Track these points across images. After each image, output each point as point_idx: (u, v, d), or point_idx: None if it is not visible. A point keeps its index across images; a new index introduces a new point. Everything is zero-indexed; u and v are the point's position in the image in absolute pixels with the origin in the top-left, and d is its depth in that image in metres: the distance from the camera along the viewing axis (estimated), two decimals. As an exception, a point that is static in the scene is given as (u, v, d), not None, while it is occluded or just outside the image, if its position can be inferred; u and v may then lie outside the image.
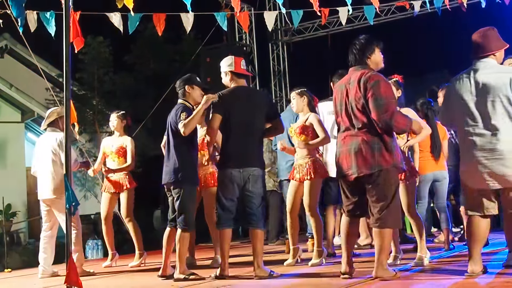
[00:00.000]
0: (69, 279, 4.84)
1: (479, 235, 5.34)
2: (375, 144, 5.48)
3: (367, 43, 5.76)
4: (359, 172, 5.52)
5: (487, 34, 5.47)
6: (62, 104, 7.22)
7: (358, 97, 5.54)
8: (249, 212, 6.30)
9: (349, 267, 5.69)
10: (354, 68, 5.74)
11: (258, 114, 6.40)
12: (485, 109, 5.24)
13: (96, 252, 10.43)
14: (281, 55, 17.34)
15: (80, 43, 7.67)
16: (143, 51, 20.46)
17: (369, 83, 5.48)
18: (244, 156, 6.27)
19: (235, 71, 6.48)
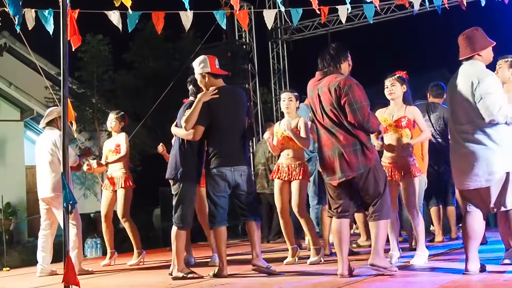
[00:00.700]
0: (67, 278, 4.83)
1: (474, 233, 5.34)
2: (356, 145, 5.59)
3: (342, 50, 5.87)
4: (346, 176, 5.60)
5: (471, 35, 5.48)
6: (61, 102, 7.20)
7: (330, 102, 5.63)
8: (243, 207, 6.36)
9: (346, 270, 5.68)
10: (321, 72, 5.82)
11: (241, 113, 6.45)
12: (458, 111, 5.34)
13: (95, 250, 10.42)
14: (280, 54, 17.31)
15: (78, 41, 7.65)
16: (142, 50, 20.47)
17: (342, 88, 5.57)
18: (234, 155, 6.29)
19: (212, 72, 6.42)
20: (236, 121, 6.37)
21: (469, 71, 5.38)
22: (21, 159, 17.45)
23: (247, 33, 16.22)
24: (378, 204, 5.64)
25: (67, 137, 5.15)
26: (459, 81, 5.37)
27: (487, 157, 5.19)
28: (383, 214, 5.66)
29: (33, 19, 7.85)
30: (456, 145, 5.39)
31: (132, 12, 8.05)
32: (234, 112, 6.38)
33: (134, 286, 6.32)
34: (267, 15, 9.39)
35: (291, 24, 16.19)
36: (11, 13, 7.41)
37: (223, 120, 6.31)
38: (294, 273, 6.41)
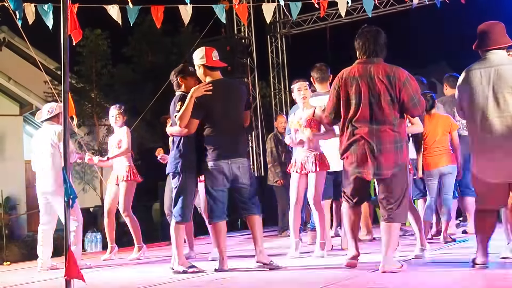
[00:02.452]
0: (69, 272, 4.82)
1: (488, 228, 5.33)
2: (397, 142, 5.47)
3: (382, 36, 5.70)
4: (384, 174, 5.47)
5: (499, 27, 5.43)
6: (60, 97, 7.21)
7: (383, 92, 5.45)
8: (244, 201, 6.30)
9: (357, 250, 5.79)
10: (367, 59, 5.62)
11: (238, 105, 6.39)
12: (503, 101, 5.19)
13: (95, 245, 10.44)
14: (279, 48, 17.32)
15: (78, 35, 7.64)
16: (141, 44, 20.45)
17: (400, 80, 5.44)
18: (231, 148, 6.24)
19: (207, 64, 6.39)
20: (232, 114, 6.31)
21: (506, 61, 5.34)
22: (20, 153, 17.45)
23: (246, 27, 16.22)
24: (399, 207, 5.48)
25: (68, 131, 5.14)
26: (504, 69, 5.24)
27: None
28: (401, 217, 5.54)
29: (33, 13, 7.84)
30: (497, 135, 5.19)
31: (132, 6, 8.05)
32: (230, 105, 6.31)
33: (135, 280, 6.32)
34: (266, 9, 9.37)
35: (290, 18, 16.17)
36: (12, 8, 7.42)
37: (218, 113, 6.25)
38: (298, 267, 6.42)
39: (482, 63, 5.37)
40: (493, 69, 5.27)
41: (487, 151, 5.24)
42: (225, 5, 9.53)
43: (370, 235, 8.63)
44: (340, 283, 5.15)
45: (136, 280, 6.25)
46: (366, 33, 5.68)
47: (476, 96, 5.29)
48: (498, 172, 5.21)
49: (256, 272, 6.17)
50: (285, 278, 5.78)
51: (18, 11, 7.66)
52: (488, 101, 5.23)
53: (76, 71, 18.47)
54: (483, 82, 5.27)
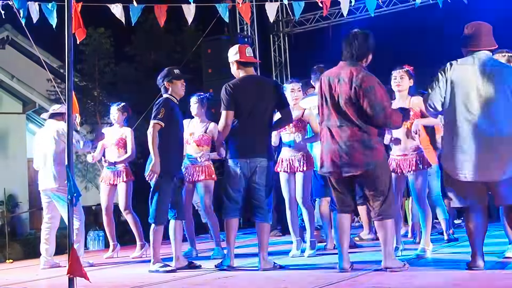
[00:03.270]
0: (72, 269, 4.83)
1: (477, 228, 5.31)
2: (365, 140, 5.51)
3: (372, 43, 5.74)
4: (354, 171, 5.53)
5: (487, 29, 5.49)
6: (63, 94, 7.23)
7: (348, 96, 5.53)
8: (256, 205, 6.27)
9: (347, 263, 5.68)
10: (346, 62, 5.69)
11: (266, 104, 6.32)
12: (488, 99, 5.20)
13: (98, 243, 10.45)
14: (282, 47, 17.30)
15: (82, 34, 7.66)
16: (144, 42, 20.43)
17: (362, 87, 5.47)
18: (252, 147, 6.22)
19: (241, 59, 6.41)
20: (259, 111, 6.27)
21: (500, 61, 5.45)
22: (23, 151, 17.45)
23: (249, 26, 16.20)
24: (384, 203, 5.54)
25: (72, 129, 5.16)
26: (492, 68, 5.29)
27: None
28: (390, 213, 5.58)
29: (37, 12, 7.86)
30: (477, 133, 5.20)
31: (136, 5, 8.07)
32: (258, 103, 6.27)
33: (137, 278, 6.33)
34: (269, 8, 9.38)
35: (292, 17, 16.18)
36: (16, 6, 7.44)
37: (245, 109, 6.25)
38: (297, 266, 6.44)
39: (470, 61, 5.38)
40: (484, 68, 5.30)
41: (468, 150, 5.22)
42: (228, 4, 9.54)
43: (372, 234, 8.63)
44: (340, 282, 5.16)
45: (138, 278, 6.26)
46: (352, 37, 5.72)
47: (466, 93, 5.27)
48: (476, 172, 5.20)
49: (257, 271, 6.18)
50: (287, 278, 5.79)
51: (22, 10, 7.68)
52: (478, 99, 5.23)
53: (79, 70, 18.45)
54: (476, 80, 5.27)
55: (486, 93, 5.22)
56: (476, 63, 5.35)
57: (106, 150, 8.50)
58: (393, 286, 4.95)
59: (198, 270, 6.45)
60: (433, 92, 5.49)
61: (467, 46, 5.49)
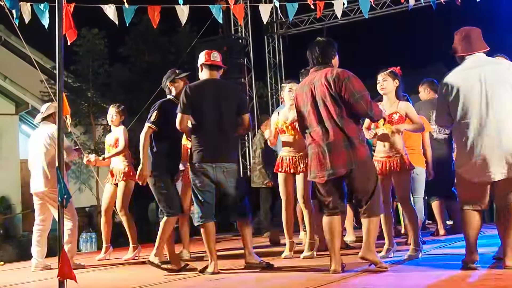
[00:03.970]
0: (62, 272, 4.82)
1: (475, 227, 5.35)
2: (346, 141, 5.55)
3: (330, 45, 5.88)
4: (337, 173, 5.57)
5: (477, 33, 5.50)
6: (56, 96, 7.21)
7: (326, 94, 5.59)
8: (231, 206, 6.33)
9: (339, 266, 5.67)
10: (315, 68, 5.82)
11: (227, 108, 6.32)
12: (497, 100, 5.20)
13: (90, 245, 10.42)
14: (276, 48, 17.31)
15: (73, 35, 7.64)
16: (138, 43, 20.41)
17: (340, 79, 5.56)
18: (215, 151, 6.23)
19: (205, 62, 6.46)
20: (220, 116, 6.27)
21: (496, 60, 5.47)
22: (15, 153, 17.40)
23: (243, 27, 16.21)
24: (370, 202, 5.61)
25: (63, 131, 5.14)
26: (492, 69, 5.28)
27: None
28: (375, 211, 5.65)
29: (29, 12, 7.84)
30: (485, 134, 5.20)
31: (128, 6, 8.05)
32: (218, 107, 6.27)
33: (129, 280, 6.32)
34: (263, 9, 9.39)
35: (287, 19, 16.19)
36: (8, 7, 7.41)
37: (204, 112, 6.26)
38: (289, 268, 6.43)
39: (469, 65, 5.39)
40: (484, 68, 5.30)
41: (478, 152, 5.22)
42: (222, 5, 9.54)
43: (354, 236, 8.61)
44: (331, 283, 5.15)
45: (131, 280, 6.24)
46: (314, 45, 5.88)
47: (471, 97, 5.27)
48: (485, 173, 5.21)
49: (249, 272, 6.18)
50: (278, 279, 5.78)
51: (14, 10, 7.65)
52: (481, 101, 5.22)
53: (72, 70, 18.43)
54: (475, 82, 5.27)
55: (486, 94, 5.23)
56: (471, 67, 5.36)
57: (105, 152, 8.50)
58: (384, 287, 4.94)
59: (190, 272, 6.43)
60: (438, 113, 5.62)
61: (459, 52, 5.50)
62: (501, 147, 5.17)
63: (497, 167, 5.18)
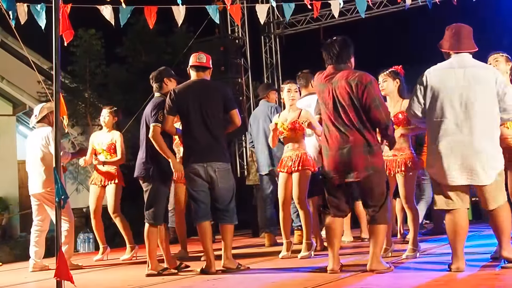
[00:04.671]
0: (59, 272, 4.83)
1: (459, 230, 5.29)
2: (366, 146, 5.50)
3: (349, 45, 5.78)
4: (355, 177, 5.51)
5: (467, 31, 5.48)
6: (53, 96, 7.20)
7: (348, 97, 5.52)
8: (220, 208, 6.32)
9: (336, 265, 5.69)
10: (334, 66, 5.72)
11: (214, 107, 6.36)
12: (471, 101, 5.18)
13: (88, 245, 10.41)
14: (273, 48, 17.30)
15: (70, 36, 7.64)
16: (135, 44, 20.40)
17: (362, 83, 5.48)
18: (205, 151, 6.27)
19: (191, 64, 6.54)
20: (207, 115, 6.31)
21: (483, 64, 5.41)
22: (13, 153, 17.37)
23: (239, 27, 16.20)
24: (380, 209, 5.55)
25: (59, 132, 5.14)
26: (475, 71, 5.26)
27: (495, 153, 5.20)
28: (385, 218, 5.59)
29: (26, 13, 7.83)
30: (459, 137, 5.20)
31: (125, 7, 8.05)
32: (204, 107, 6.32)
33: (127, 280, 6.32)
34: (259, 9, 9.38)
35: (283, 19, 16.18)
36: (5, 8, 7.41)
37: (190, 115, 6.32)
38: (287, 268, 6.43)
39: (453, 64, 5.37)
40: (466, 69, 5.28)
41: (457, 153, 5.20)
42: (219, 5, 9.53)
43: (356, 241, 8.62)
44: (329, 283, 5.16)
45: (129, 281, 6.24)
46: (332, 43, 5.76)
47: (450, 96, 5.25)
48: (462, 176, 5.20)
49: (246, 273, 6.19)
50: (275, 279, 5.79)
51: (11, 11, 7.65)
52: (460, 102, 5.21)
53: (69, 71, 18.42)
54: (457, 82, 5.26)
55: (466, 96, 5.21)
56: (456, 66, 5.34)
57: (98, 156, 8.42)
58: (382, 287, 4.95)
59: (187, 272, 6.43)
60: (412, 100, 5.52)
61: (446, 48, 5.49)
62: (474, 152, 5.14)
63: (467, 172, 5.16)
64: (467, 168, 5.17)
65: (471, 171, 5.17)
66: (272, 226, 8.93)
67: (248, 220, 11.12)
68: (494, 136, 5.24)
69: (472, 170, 5.16)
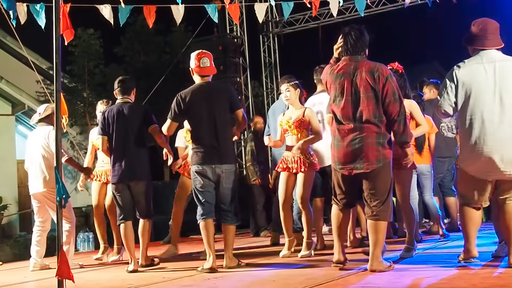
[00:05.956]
0: (60, 271, 4.83)
1: (474, 224, 5.40)
2: (380, 138, 5.47)
3: (364, 35, 5.73)
4: (366, 168, 5.48)
5: (493, 27, 5.44)
6: (52, 96, 7.19)
7: (368, 89, 5.47)
8: (224, 209, 6.47)
9: (342, 256, 5.72)
10: (352, 57, 5.65)
11: (220, 109, 6.47)
12: (502, 96, 5.18)
13: (87, 244, 10.40)
14: (272, 47, 17.33)
15: (70, 35, 7.64)
16: (133, 43, 20.42)
17: (384, 76, 5.47)
18: (214, 153, 6.39)
19: (194, 67, 6.62)
20: (214, 118, 6.42)
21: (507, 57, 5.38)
22: (12, 153, 17.38)
23: (238, 26, 16.22)
24: (383, 205, 5.51)
25: (60, 131, 5.15)
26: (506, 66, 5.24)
27: None
28: (387, 215, 5.55)
29: (25, 13, 7.83)
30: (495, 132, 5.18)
31: (124, 6, 8.06)
32: (211, 110, 6.43)
33: (126, 280, 6.32)
34: (258, 8, 9.38)
35: (282, 18, 16.19)
36: (5, 8, 7.41)
37: (197, 119, 6.45)
38: (288, 267, 6.44)
39: (480, 59, 5.35)
40: (496, 64, 5.26)
41: (487, 148, 5.20)
42: (217, 4, 9.54)
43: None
44: (330, 282, 5.17)
45: (129, 280, 6.25)
46: (350, 32, 5.71)
47: (480, 91, 5.25)
48: (490, 171, 5.22)
49: (247, 271, 6.20)
50: (277, 277, 5.79)
51: (11, 11, 7.64)
52: (494, 97, 5.20)
53: (68, 71, 18.44)
54: (488, 77, 5.24)
55: (500, 90, 5.20)
56: (484, 61, 5.31)
57: (97, 151, 8.31)
58: (382, 285, 4.95)
59: (188, 271, 6.44)
60: (442, 98, 5.48)
61: (473, 44, 5.46)
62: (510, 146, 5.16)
63: (503, 166, 5.17)
64: (510, 162, 5.17)
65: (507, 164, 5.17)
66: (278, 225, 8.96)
67: (247, 219, 11.13)
68: None
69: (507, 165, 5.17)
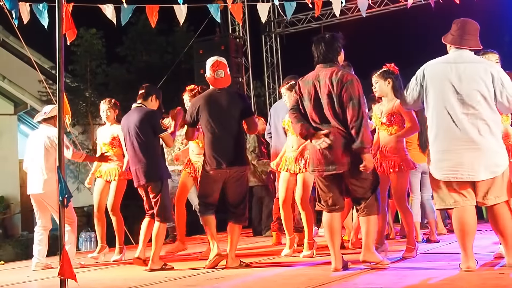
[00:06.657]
0: (62, 271, 4.83)
1: (467, 228, 5.23)
2: (347, 139, 5.54)
3: (335, 41, 5.82)
4: (337, 169, 5.58)
5: (473, 28, 5.43)
6: (55, 96, 7.18)
7: (329, 94, 5.59)
8: (232, 210, 6.58)
9: (339, 263, 5.70)
10: (322, 65, 5.76)
11: (231, 115, 6.57)
12: (467, 97, 5.16)
13: (90, 244, 10.39)
14: (274, 47, 17.31)
15: (73, 35, 7.64)
16: (136, 43, 20.44)
17: (343, 82, 5.55)
18: (227, 157, 6.49)
19: (209, 76, 6.74)
20: (226, 124, 6.53)
21: (479, 59, 5.40)
22: (14, 153, 17.42)
23: (240, 26, 16.21)
24: (369, 199, 5.65)
25: (63, 131, 5.15)
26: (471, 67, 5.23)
27: (496, 149, 5.18)
28: (374, 209, 5.67)
29: (28, 12, 7.84)
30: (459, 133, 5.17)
31: (127, 6, 8.07)
32: (223, 116, 6.54)
33: (128, 279, 6.32)
34: (260, 8, 9.39)
35: (284, 18, 16.18)
36: (7, 7, 7.41)
37: (210, 124, 6.54)
38: (290, 267, 6.43)
39: (450, 59, 5.36)
40: (463, 65, 5.25)
41: (451, 149, 5.19)
42: (220, 4, 9.54)
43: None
44: (332, 282, 5.17)
45: (131, 280, 6.25)
46: (320, 40, 5.83)
47: (445, 92, 5.24)
48: (459, 170, 5.18)
49: (249, 271, 6.19)
50: (279, 278, 5.79)
51: (14, 11, 7.65)
52: (456, 96, 5.19)
53: (70, 70, 18.47)
54: (452, 78, 5.23)
55: (463, 92, 5.18)
56: (452, 61, 5.32)
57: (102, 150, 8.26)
58: (384, 286, 4.96)
59: (190, 271, 6.45)
60: (406, 91, 5.61)
61: (448, 42, 5.46)
62: (477, 147, 5.12)
63: (468, 168, 5.14)
64: (469, 164, 5.14)
65: (472, 167, 5.14)
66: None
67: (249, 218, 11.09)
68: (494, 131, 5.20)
69: (473, 166, 5.13)
